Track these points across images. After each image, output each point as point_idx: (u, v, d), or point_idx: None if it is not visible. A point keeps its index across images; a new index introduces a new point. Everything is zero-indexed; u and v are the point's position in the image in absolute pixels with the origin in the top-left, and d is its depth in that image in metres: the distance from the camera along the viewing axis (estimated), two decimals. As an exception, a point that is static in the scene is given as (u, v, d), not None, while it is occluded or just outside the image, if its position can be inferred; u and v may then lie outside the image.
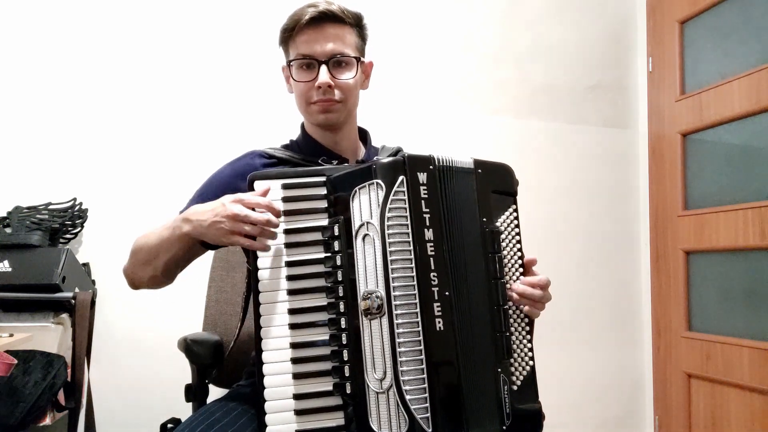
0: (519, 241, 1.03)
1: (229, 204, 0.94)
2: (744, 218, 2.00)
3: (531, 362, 0.99)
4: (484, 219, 0.99)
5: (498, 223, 1.01)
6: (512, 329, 0.99)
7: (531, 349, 1.00)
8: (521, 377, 0.98)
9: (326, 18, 1.12)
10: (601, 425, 2.39)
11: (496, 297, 0.97)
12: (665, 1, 2.40)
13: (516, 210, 1.04)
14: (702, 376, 2.15)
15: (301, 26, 1.12)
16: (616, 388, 2.42)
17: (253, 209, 0.93)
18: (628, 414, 2.42)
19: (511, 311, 0.99)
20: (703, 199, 2.21)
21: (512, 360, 0.97)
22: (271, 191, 0.97)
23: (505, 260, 1.01)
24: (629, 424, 2.42)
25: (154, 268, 1.10)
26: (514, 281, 1.01)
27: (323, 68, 1.12)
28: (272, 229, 0.93)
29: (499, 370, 0.95)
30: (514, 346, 0.98)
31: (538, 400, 0.99)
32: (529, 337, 1.01)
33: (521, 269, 1.04)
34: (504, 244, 1.01)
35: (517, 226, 1.04)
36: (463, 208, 0.98)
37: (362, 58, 1.21)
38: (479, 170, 1.01)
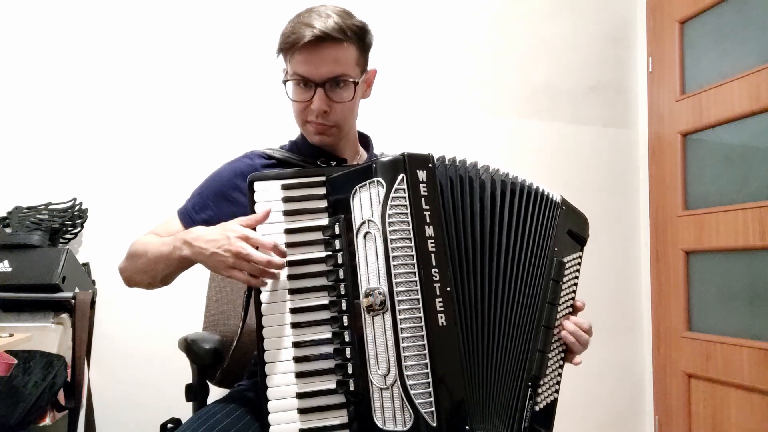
0: (575, 284, 1.07)
1: (234, 239, 0.92)
2: (744, 218, 2.00)
3: (556, 394, 1.02)
4: (555, 249, 1.04)
5: (564, 260, 1.06)
6: (550, 355, 1.02)
7: (559, 383, 1.03)
8: (544, 402, 1.00)
9: (324, 39, 1.05)
10: (601, 425, 2.39)
11: (547, 319, 1.01)
12: (665, 1, 2.40)
13: (581, 257, 1.09)
14: (702, 376, 2.15)
15: (298, 47, 1.06)
16: (616, 388, 2.42)
17: (257, 248, 0.92)
18: (628, 414, 2.42)
19: (554, 339, 1.03)
20: (703, 199, 2.21)
21: (542, 382, 0.99)
22: (270, 192, 0.96)
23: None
24: (629, 424, 2.42)
25: (152, 277, 1.11)
26: (563, 318, 1.06)
27: (319, 92, 1.08)
28: (273, 271, 0.92)
29: (530, 384, 0.97)
30: (548, 371, 1.01)
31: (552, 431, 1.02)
32: (560, 371, 1.04)
33: (570, 309, 1.07)
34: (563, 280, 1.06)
35: (578, 271, 1.08)
36: (505, 220, 1.01)
37: (364, 73, 1.15)
38: (564, 207, 1.09)
